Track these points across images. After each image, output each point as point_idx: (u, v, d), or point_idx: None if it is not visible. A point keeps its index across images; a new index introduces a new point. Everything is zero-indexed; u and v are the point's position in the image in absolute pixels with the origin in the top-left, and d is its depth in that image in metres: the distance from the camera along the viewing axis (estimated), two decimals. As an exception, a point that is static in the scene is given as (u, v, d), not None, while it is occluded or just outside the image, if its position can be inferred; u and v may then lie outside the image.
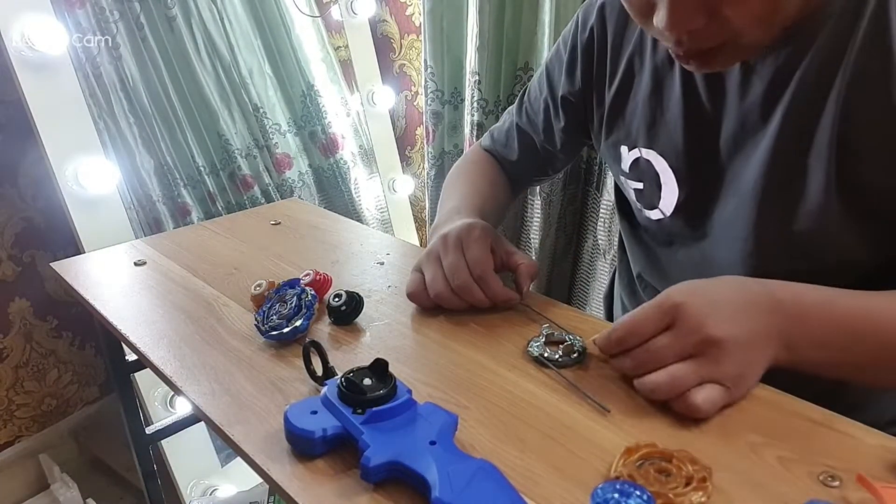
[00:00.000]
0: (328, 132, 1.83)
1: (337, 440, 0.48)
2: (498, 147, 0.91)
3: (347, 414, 0.48)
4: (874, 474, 0.43)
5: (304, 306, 0.65)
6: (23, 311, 1.58)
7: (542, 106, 0.82)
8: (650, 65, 0.68)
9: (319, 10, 1.80)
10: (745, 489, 0.44)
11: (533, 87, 0.85)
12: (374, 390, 0.49)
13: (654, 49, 0.67)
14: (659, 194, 0.69)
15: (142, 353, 0.64)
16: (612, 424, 0.51)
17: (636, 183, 0.72)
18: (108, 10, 1.41)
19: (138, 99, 1.47)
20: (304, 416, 0.49)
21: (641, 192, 0.72)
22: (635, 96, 0.70)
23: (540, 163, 0.89)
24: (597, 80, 0.74)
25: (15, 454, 1.62)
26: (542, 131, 0.84)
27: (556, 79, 0.80)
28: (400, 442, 0.46)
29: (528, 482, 0.45)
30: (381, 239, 0.90)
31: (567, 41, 0.77)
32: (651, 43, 0.68)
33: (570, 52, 0.77)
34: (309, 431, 0.47)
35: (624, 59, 0.70)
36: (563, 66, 0.78)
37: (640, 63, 0.69)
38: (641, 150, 0.70)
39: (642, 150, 0.70)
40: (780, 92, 0.57)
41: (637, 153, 0.70)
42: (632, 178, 0.72)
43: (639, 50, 0.69)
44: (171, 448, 1.44)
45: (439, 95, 1.61)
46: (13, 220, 1.53)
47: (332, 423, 0.48)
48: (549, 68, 0.81)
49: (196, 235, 0.93)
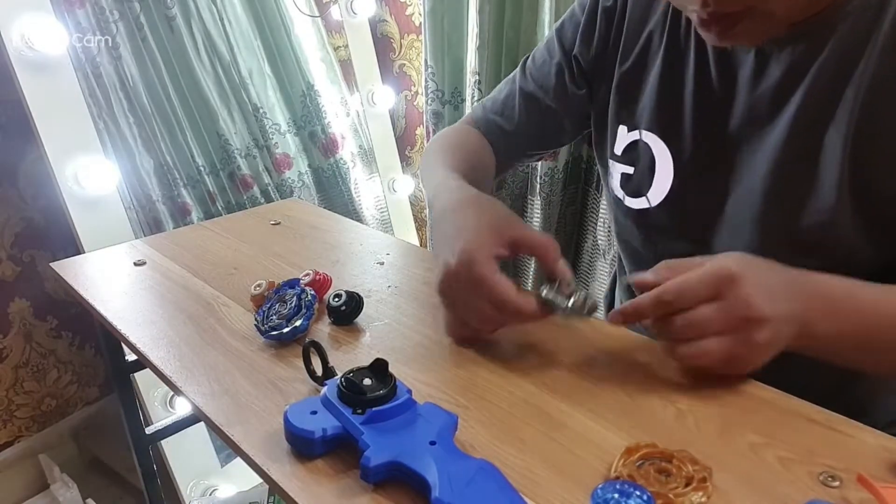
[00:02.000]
0: (328, 132, 1.83)
1: (337, 440, 0.48)
2: (492, 116, 0.85)
3: (347, 414, 0.48)
4: (874, 474, 0.43)
5: (303, 306, 0.65)
6: (22, 311, 1.58)
7: (553, 69, 0.78)
8: (666, 46, 0.67)
9: (319, 10, 1.80)
10: (745, 489, 0.44)
11: (539, 52, 0.81)
12: (374, 390, 0.49)
13: (672, 30, 0.66)
14: (650, 180, 0.68)
15: (141, 353, 0.64)
16: (612, 424, 0.51)
17: (626, 167, 0.71)
18: (108, 10, 1.41)
19: (138, 99, 1.47)
20: (304, 416, 0.49)
21: (630, 177, 0.70)
22: (647, 75, 0.69)
23: (542, 130, 0.83)
24: (611, 50, 0.72)
25: (15, 454, 1.62)
26: (553, 92, 0.79)
27: (569, 41, 0.76)
28: (400, 442, 0.46)
29: (528, 482, 0.45)
30: (381, 239, 0.90)
31: (585, 5, 0.75)
32: (670, 23, 0.66)
33: (589, 16, 0.74)
34: (309, 432, 0.47)
35: (643, 34, 0.69)
36: (580, 28, 0.75)
37: (659, 42, 0.67)
38: (642, 133, 0.69)
39: (643, 132, 0.69)
40: (794, 85, 0.57)
41: (636, 135, 0.69)
42: (622, 161, 0.71)
43: (659, 28, 0.68)
44: (171, 448, 1.44)
45: (439, 95, 1.61)
46: (13, 220, 1.53)
47: (332, 423, 0.48)
48: (560, 32, 0.78)
49: (196, 235, 0.93)
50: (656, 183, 0.68)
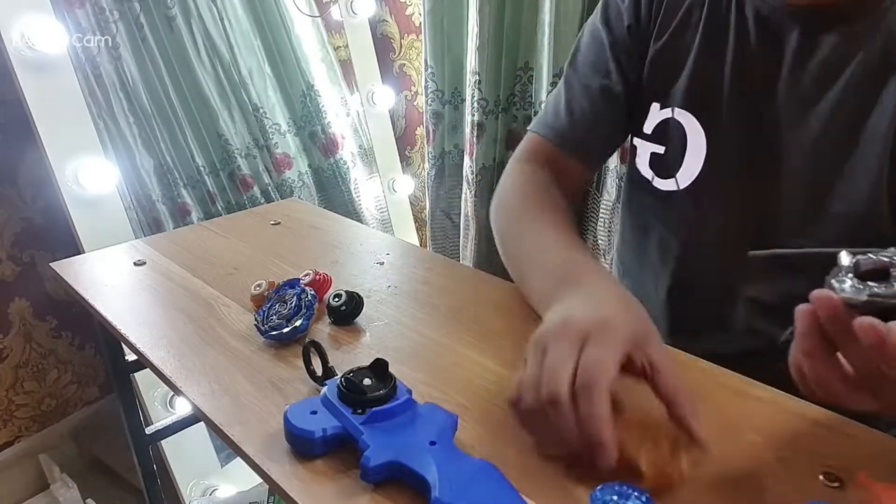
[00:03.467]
0: (328, 132, 1.83)
1: (337, 440, 0.48)
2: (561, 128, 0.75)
3: (347, 414, 0.48)
4: (874, 474, 0.43)
5: (303, 306, 0.65)
6: (22, 312, 1.58)
7: (608, 54, 0.72)
8: (706, 21, 0.65)
9: (319, 10, 1.80)
10: (746, 489, 0.44)
11: (584, 48, 0.76)
12: (374, 390, 0.49)
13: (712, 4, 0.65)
14: (681, 161, 0.66)
15: (141, 353, 0.64)
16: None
17: (656, 146, 0.69)
18: (108, 10, 1.41)
19: (138, 99, 1.47)
20: (304, 416, 0.49)
21: (661, 157, 0.68)
22: (684, 51, 0.67)
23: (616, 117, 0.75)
24: (654, 15, 0.69)
25: (15, 454, 1.62)
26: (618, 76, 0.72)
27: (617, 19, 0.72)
28: (400, 442, 0.46)
29: (528, 482, 0.45)
30: (380, 239, 0.90)
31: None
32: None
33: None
34: (309, 431, 0.47)
35: (682, 8, 0.67)
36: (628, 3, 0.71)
37: (699, 16, 0.66)
38: (675, 110, 0.67)
39: (676, 109, 0.67)
40: (841, 67, 0.56)
41: (668, 112, 0.68)
42: (652, 140, 0.69)
43: (700, 2, 0.66)
44: (171, 448, 1.44)
45: (439, 95, 1.61)
46: (13, 220, 1.53)
47: (332, 423, 0.48)
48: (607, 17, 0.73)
49: (196, 235, 0.93)
50: (686, 163, 0.65)
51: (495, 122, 1.51)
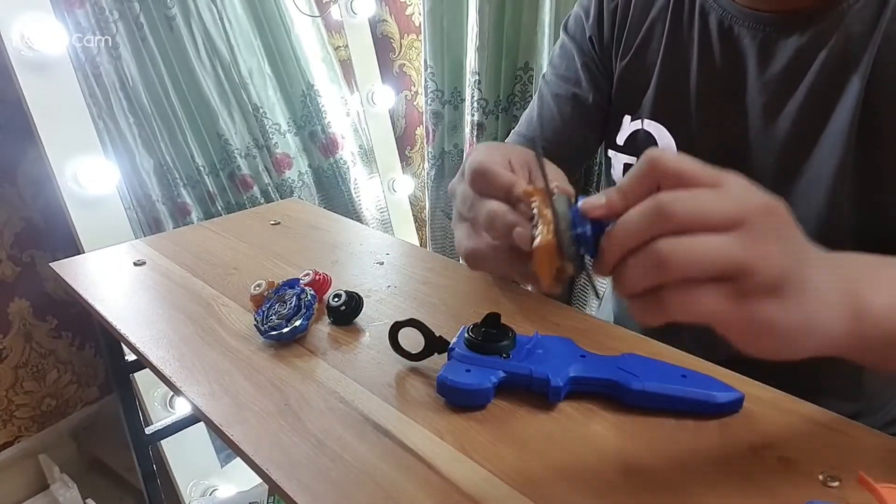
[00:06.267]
0: (328, 132, 1.83)
1: (503, 385, 0.52)
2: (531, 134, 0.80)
3: (499, 361, 0.52)
4: (874, 474, 0.43)
5: (303, 306, 0.65)
6: (22, 311, 1.58)
7: (577, 64, 0.76)
8: (668, 35, 0.67)
9: (319, 10, 1.80)
10: (746, 489, 0.44)
11: (555, 59, 0.80)
12: (502, 338, 0.53)
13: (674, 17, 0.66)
14: None
15: (141, 353, 0.64)
16: (611, 425, 0.51)
17: (629, 157, 0.71)
18: (108, 10, 1.41)
19: (138, 99, 1.47)
20: (464, 375, 0.52)
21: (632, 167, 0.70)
22: (650, 64, 0.68)
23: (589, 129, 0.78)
24: (617, 36, 0.72)
25: (14, 454, 1.62)
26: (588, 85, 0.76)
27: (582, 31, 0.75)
28: (561, 363, 0.52)
29: (529, 482, 0.45)
30: (380, 239, 0.90)
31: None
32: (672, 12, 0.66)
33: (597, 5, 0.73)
34: (483, 383, 0.51)
35: (646, 23, 0.69)
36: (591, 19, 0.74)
37: (661, 31, 0.68)
38: (644, 121, 0.69)
39: (645, 120, 0.68)
40: (801, 72, 0.57)
41: (638, 124, 0.69)
42: (625, 151, 0.71)
43: (662, 16, 0.68)
44: (171, 448, 1.44)
45: (439, 95, 1.62)
46: (13, 220, 1.53)
47: (495, 372, 0.52)
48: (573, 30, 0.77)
49: (196, 235, 0.93)
50: None
51: (495, 122, 1.51)
